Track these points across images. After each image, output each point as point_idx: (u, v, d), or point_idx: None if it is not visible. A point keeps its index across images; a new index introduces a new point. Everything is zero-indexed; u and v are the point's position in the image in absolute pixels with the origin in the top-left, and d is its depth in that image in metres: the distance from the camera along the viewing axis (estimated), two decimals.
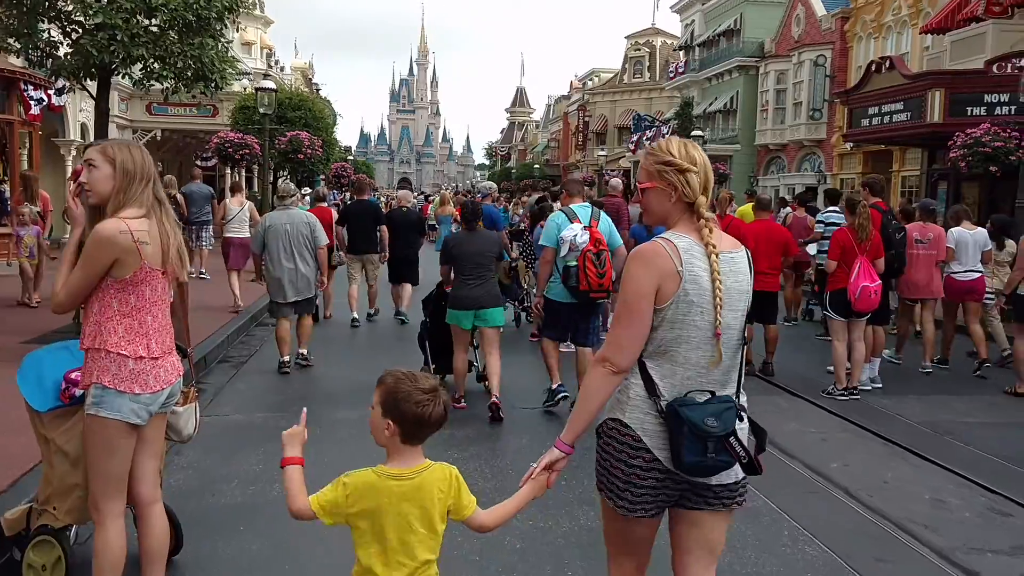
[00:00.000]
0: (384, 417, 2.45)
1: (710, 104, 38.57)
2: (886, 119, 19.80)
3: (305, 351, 8.77)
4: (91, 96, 9.52)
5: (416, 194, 42.95)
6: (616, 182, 11.97)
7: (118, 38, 8.13)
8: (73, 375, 3.76)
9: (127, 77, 8.99)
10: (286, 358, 8.56)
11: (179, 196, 15.92)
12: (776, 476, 5.75)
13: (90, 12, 8.08)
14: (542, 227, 7.85)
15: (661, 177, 2.59)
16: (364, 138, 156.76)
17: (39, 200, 10.44)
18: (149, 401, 3.31)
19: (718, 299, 2.47)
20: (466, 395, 7.27)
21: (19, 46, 8.67)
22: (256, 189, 21.54)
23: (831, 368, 9.12)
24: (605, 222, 6.97)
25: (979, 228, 9.59)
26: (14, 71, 14.77)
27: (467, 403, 7.17)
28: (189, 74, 8.84)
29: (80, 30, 8.40)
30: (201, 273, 14.84)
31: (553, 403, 7.08)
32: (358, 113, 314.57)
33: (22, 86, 15.39)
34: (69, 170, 21.37)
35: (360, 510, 2.42)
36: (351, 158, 59.94)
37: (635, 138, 42.92)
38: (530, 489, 2.57)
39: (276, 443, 3.07)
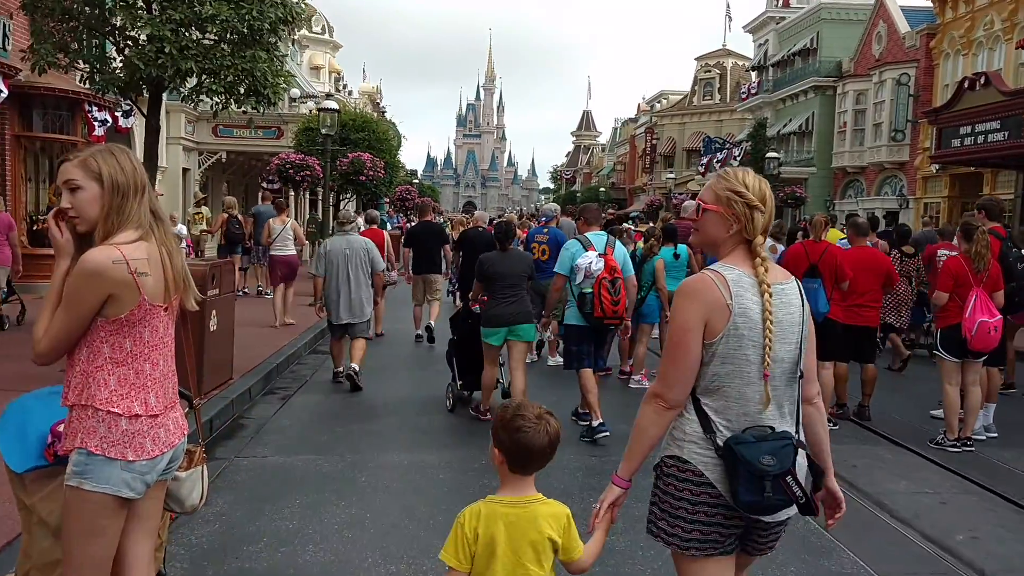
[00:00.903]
0: (494, 446, 2.52)
1: (784, 126, 37.33)
2: (980, 139, 18.53)
3: (357, 366, 8.76)
4: (142, 113, 9.13)
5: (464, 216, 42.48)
6: (690, 204, 11.14)
7: (166, 51, 7.71)
8: (60, 427, 3.15)
9: (176, 92, 8.56)
10: (340, 368, 9.05)
11: (240, 216, 16.66)
12: (893, 550, 4.87)
13: (138, 24, 7.65)
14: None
15: (728, 204, 2.53)
16: (431, 162, 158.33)
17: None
18: (145, 469, 2.68)
19: (768, 337, 2.41)
20: (492, 409, 7.39)
21: (67, 61, 8.31)
22: (318, 211, 21.23)
23: (935, 413, 8.14)
24: (620, 250, 7.11)
25: None
26: (78, 92, 14.71)
27: (491, 416, 7.08)
28: (241, 89, 8.36)
29: (131, 44, 7.99)
30: (267, 292, 15.15)
31: (590, 439, 6.89)
32: (425, 138, 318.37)
33: (86, 107, 15.32)
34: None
35: (483, 539, 2.42)
36: (416, 181, 60.04)
37: (705, 160, 41.89)
38: (604, 529, 2.59)
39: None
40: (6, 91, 12.96)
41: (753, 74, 44.29)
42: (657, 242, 9.25)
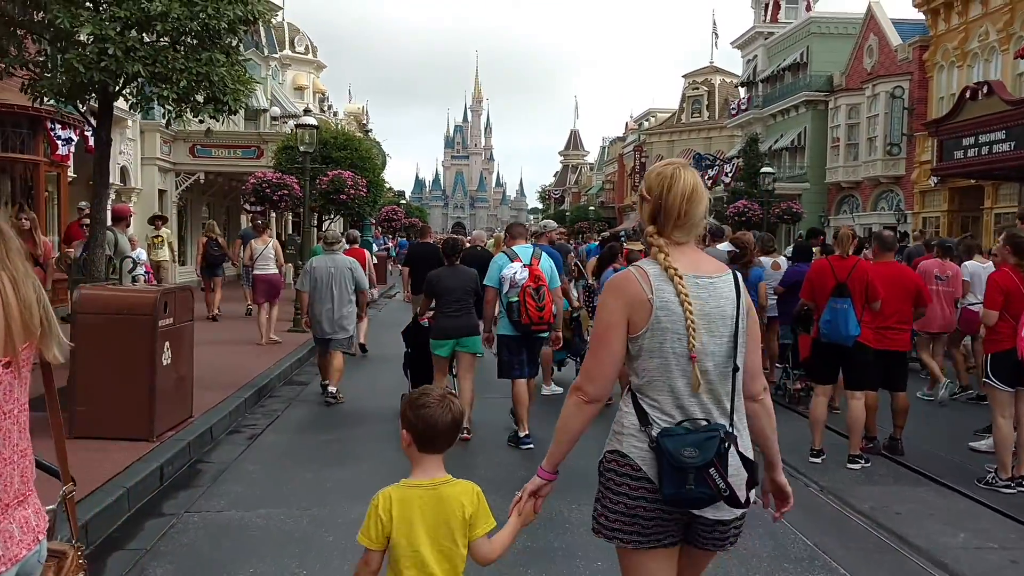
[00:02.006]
0: (403, 427, 2.61)
1: (775, 141, 36.77)
2: (984, 150, 17.87)
3: (334, 389, 9.15)
4: (89, 124, 8.27)
5: (467, 238, 41.82)
6: (714, 223, 10.34)
7: (110, 52, 6.86)
8: None
9: (122, 98, 7.70)
10: (327, 381, 9.24)
11: (221, 240, 16.40)
12: None
13: (78, 22, 6.81)
14: (614, 269, 7.95)
15: (640, 202, 2.62)
16: (419, 184, 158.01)
17: (40, 247, 9.24)
18: None
19: (690, 320, 2.41)
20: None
21: (2, 66, 7.46)
22: (294, 232, 20.35)
23: (977, 445, 7.34)
24: (546, 262, 7.47)
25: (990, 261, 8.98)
26: (39, 109, 13.83)
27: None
28: (198, 96, 7.50)
29: (73, 46, 7.14)
30: (249, 311, 15.65)
31: (514, 444, 7.36)
32: (413, 159, 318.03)
33: (48, 125, 14.44)
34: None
35: (398, 523, 2.49)
36: (404, 202, 59.28)
37: None
38: (520, 518, 2.61)
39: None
40: None
41: (742, 90, 43.85)
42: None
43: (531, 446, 7.17)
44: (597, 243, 18.16)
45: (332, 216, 21.28)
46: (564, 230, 35.02)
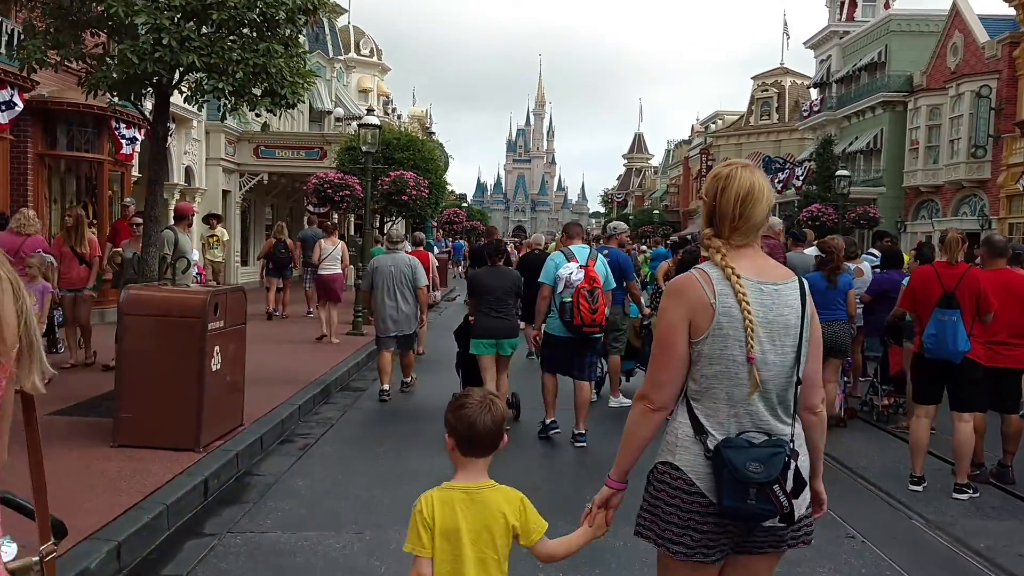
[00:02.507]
0: (447, 433, 2.55)
1: (850, 144, 35.46)
2: None
3: (408, 379, 9.65)
4: (145, 118, 8.02)
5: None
6: (776, 221, 9.69)
7: (165, 43, 6.55)
8: None
9: (178, 92, 7.41)
10: (386, 387, 9.27)
11: (289, 241, 16.39)
12: None
13: (132, 11, 6.52)
14: None
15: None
16: (480, 187, 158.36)
17: (85, 243, 9.04)
18: None
19: (748, 321, 2.33)
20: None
21: (58, 58, 7.23)
22: (355, 234, 20.14)
23: None
24: (602, 263, 7.46)
25: None
26: (104, 108, 13.81)
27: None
28: (255, 90, 7.17)
29: (127, 37, 6.87)
30: (309, 312, 16.05)
31: (546, 436, 7.58)
32: (475, 163, 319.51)
33: (113, 124, 14.44)
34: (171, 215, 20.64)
35: (441, 526, 2.43)
36: (465, 205, 59.19)
37: None
38: (591, 530, 2.53)
39: None
40: (21, 105, 12.08)
41: (814, 91, 42.53)
42: None
43: (558, 431, 7.54)
44: (667, 247, 17.50)
45: (394, 217, 21.05)
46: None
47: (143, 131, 15.61)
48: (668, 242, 18.67)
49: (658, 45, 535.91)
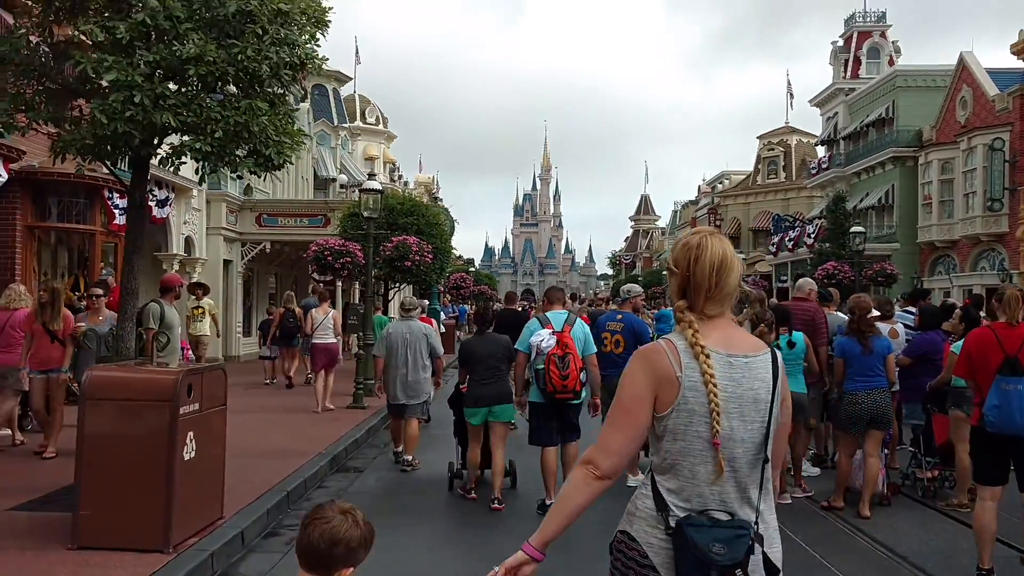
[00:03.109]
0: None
1: (860, 200, 35.00)
2: None
3: (409, 457, 9.26)
4: (123, 185, 7.50)
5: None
6: (807, 282, 9.00)
7: (136, 101, 6.04)
8: None
9: (155, 157, 6.88)
10: (399, 449, 9.46)
11: (298, 311, 16.25)
12: None
13: (102, 68, 6.03)
14: None
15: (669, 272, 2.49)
16: (488, 251, 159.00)
17: (60, 319, 8.41)
18: None
19: (714, 404, 2.25)
20: (496, 499, 7.46)
21: (27, 121, 6.72)
22: (358, 302, 19.60)
23: None
24: (580, 328, 7.39)
25: None
26: (96, 178, 13.42)
27: (477, 495, 7.81)
28: (237, 151, 6.64)
29: (98, 96, 6.37)
30: (309, 377, 15.81)
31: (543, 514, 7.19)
32: (483, 228, 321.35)
33: (106, 194, 14.03)
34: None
35: None
36: (473, 269, 58.83)
37: (776, 239, 39.63)
38: None
39: None
40: (5, 175, 11.65)
41: (822, 149, 42.33)
42: (768, 329, 7.14)
43: None
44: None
45: (398, 285, 20.50)
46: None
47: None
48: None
49: (662, 107, 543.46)
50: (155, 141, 6.66)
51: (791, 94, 52.62)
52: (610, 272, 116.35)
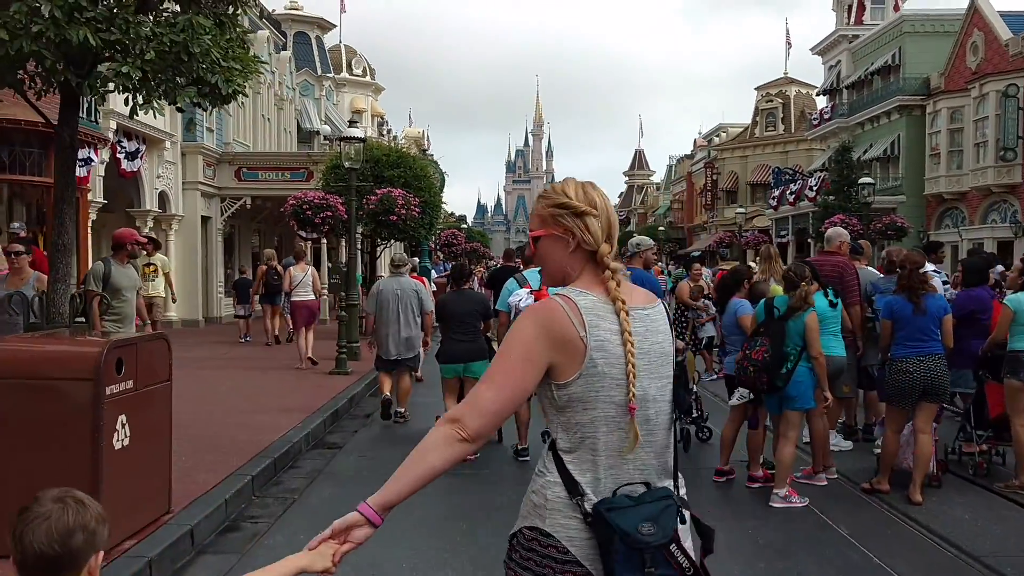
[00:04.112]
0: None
1: (864, 152, 33.84)
2: None
3: (402, 409, 9.26)
4: (49, 122, 6.39)
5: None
6: (837, 232, 7.94)
7: (44, 13, 4.91)
8: None
9: (87, 87, 5.74)
10: (387, 393, 9.22)
11: (280, 268, 15.76)
12: None
13: None
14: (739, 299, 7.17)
15: (556, 222, 2.16)
16: (481, 209, 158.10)
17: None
18: None
19: (630, 365, 2.03)
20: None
21: None
22: (341, 259, 18.62)
23: None
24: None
25: None
26: (51, 125, 12.23)
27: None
28: (173, 74, 5.53)
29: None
30: (290, 335, 15.98)
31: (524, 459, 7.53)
32: (475, 186, 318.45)
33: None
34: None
35: None
36: (465, 226, 57.68)
37: (776, 193, 38.58)
38: (304, 558, 1.97)
39: None
40: None
41: (823, 99, 41.08)
42: (808, 286, 6.12)
43: (527, 459, 7.48)
44: (677, 267, 15.80)
45: (386, 242, 19.43)
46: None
47: (98, 152, 14.04)
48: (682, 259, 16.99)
49: (656, 60, 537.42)
50: (81, 67, 5.52)
51: (789, 43, 51.10)
52: None
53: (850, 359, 7.61)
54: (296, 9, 33.97)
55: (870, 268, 8.38)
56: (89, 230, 15.36)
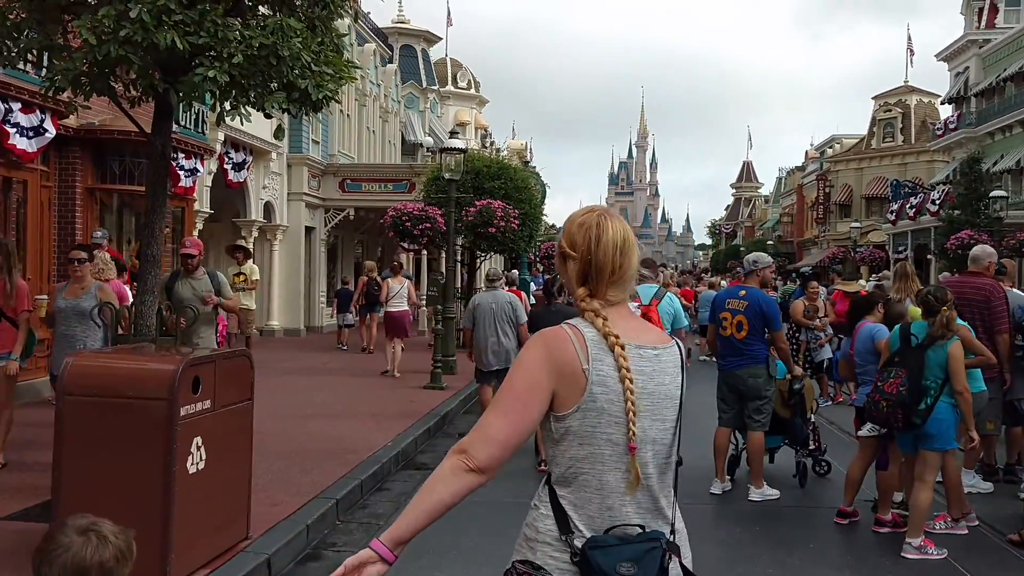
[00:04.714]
0: None
1: (994, 163, 31.63)
2: None
3: None
4: (143, 131, 6.29)
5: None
6: (985, 251, 7.09)
7: (133, 16, 4.75)
8: None
9: (174, 93, 5.58)
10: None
11: (379, 279, 16.13)
12: None
13: None
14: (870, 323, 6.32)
15: (560, 258, 2.21)
16: None
17: (14, 290, 6.49)
18: None
19: (629, 403, 2.01)
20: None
21: (15, 52, 5.52)
22: (439, 272, 18.58)
23: None
24: (667, 302, 7.08)
25: None
26: (144, 135, 12.43)
27: None
28: (263, 79, 5.30)
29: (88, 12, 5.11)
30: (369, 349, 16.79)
31: None
32: (577, 197, 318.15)
33: (171, 154, 13.05)
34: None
35: None
36: None
37: (895, 207, 36.62)
38: None
39: None
40: (53, 131, 10.76)
41: (948, 108, 38.78)
42: (950, 312, 5.39)
43: None
44: (798, 285, 14.91)
45: (485, 254, 19.20)
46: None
47: (204, 162, 14.26)
48: (799, 276, 16.03)
49: (767, 70, 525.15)
50: (171, 73, 5.35)
51: (911, 50, 48.61)
52: (709, 242, 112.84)
53: (995, 392, 6.81)
54: (403, 23, 34.35)
55: (1016, 290, 7.50)
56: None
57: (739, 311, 6.83)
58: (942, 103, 40.95)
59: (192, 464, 4.57)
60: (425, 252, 21.70)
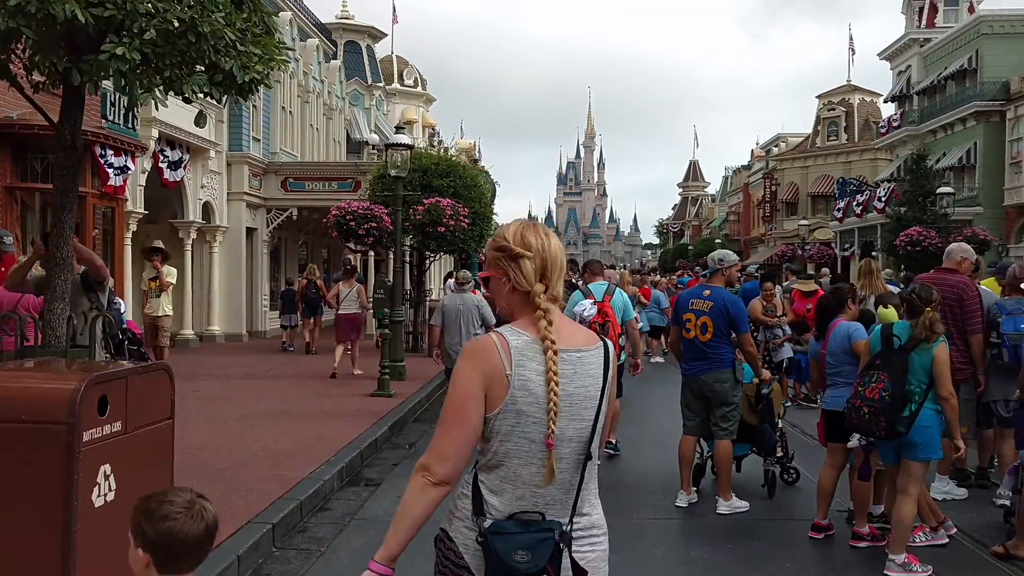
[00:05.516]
0: (136, 547, 2.09)
1: (937, 161, 32.08)
2: None
3: None
4: (49, 120, 5.63)
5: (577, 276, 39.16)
6: (960, 248, 6.80)
7: None
8: None
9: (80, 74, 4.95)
10: None
11: (319, 282, 17.02)
12: None
13: None
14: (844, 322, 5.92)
15: (496, 265, 2.32)
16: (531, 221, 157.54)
17: None
18: None
19: (552, 404, 2.16)
20: None
21: None
22: (385, 273, 18.00)
23: None
24: (619, 297, 7.87)
25: None
26: (86, 132, 11.66)
27: None
28: (180, 59, 4.71)
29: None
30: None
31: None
32: (526, 198, 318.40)
33: (97, 151, 12.28)
34: (188, 256, 18.46)
35: None
36: None
37: (841, 205, 36.97)
38: None
39: None
40: None
41: (890, 106, 39.33)
42: (934, 313, 5.04)
43: (616, 452, 8.27)
44: (756, 280, 14.66)
45: (433, 254, 18.63)
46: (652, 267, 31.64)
47: (135, 159, 13.46)
48: (757, 274, 15.80)
49: (712, 71, 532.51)
50: (76, 51, 4.73)
51: (853, 49, 49.26)
52: (656, 241, 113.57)
53: (967, 395, 6.53)
54: (347, 18, 33.53)
55: (985, 288, 7.24)
56: (128, 241, 14.81)
57: (703, 312, 6.43)
58: (885, 101, 41.56)
59: (99, 496, 3.97)
60: (372, 253, 21.06)
